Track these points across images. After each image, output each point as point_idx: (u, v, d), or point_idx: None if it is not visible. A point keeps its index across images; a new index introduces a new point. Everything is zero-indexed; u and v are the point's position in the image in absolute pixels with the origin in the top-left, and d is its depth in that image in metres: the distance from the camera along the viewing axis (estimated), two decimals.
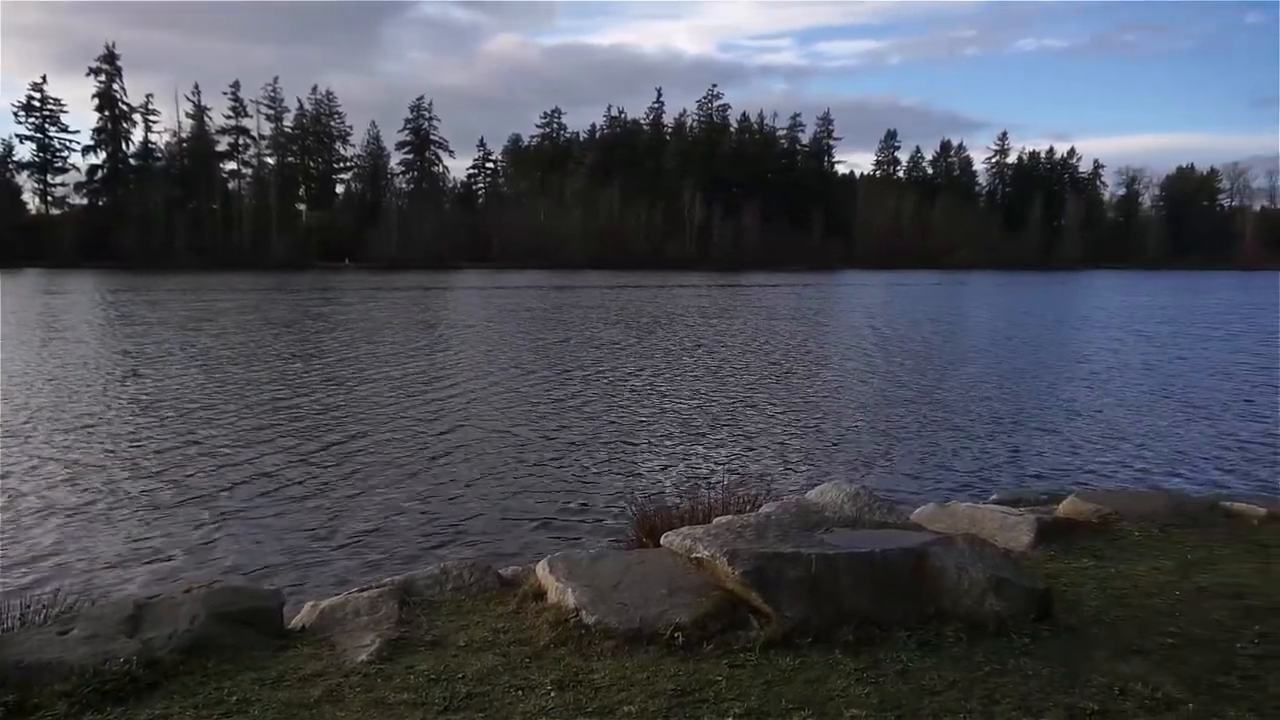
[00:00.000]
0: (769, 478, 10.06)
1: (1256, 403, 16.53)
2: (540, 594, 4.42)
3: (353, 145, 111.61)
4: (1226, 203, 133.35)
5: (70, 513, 8.76)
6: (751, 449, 12.27)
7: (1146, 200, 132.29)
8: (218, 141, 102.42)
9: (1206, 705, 3.19)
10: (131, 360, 20.53)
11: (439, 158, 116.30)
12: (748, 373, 19.88)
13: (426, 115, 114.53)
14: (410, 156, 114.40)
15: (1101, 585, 4.69)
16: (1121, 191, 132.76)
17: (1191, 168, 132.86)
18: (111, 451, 11.47)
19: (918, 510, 6.37)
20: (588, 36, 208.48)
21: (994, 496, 7.80)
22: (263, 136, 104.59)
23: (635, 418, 14.42)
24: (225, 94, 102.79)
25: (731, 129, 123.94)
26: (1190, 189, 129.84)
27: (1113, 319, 37.91)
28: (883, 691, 3.32)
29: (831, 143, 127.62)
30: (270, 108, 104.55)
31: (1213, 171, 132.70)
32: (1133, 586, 4.65)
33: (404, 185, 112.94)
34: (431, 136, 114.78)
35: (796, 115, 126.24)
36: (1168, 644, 3.80)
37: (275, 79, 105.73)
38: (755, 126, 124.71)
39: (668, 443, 12.59)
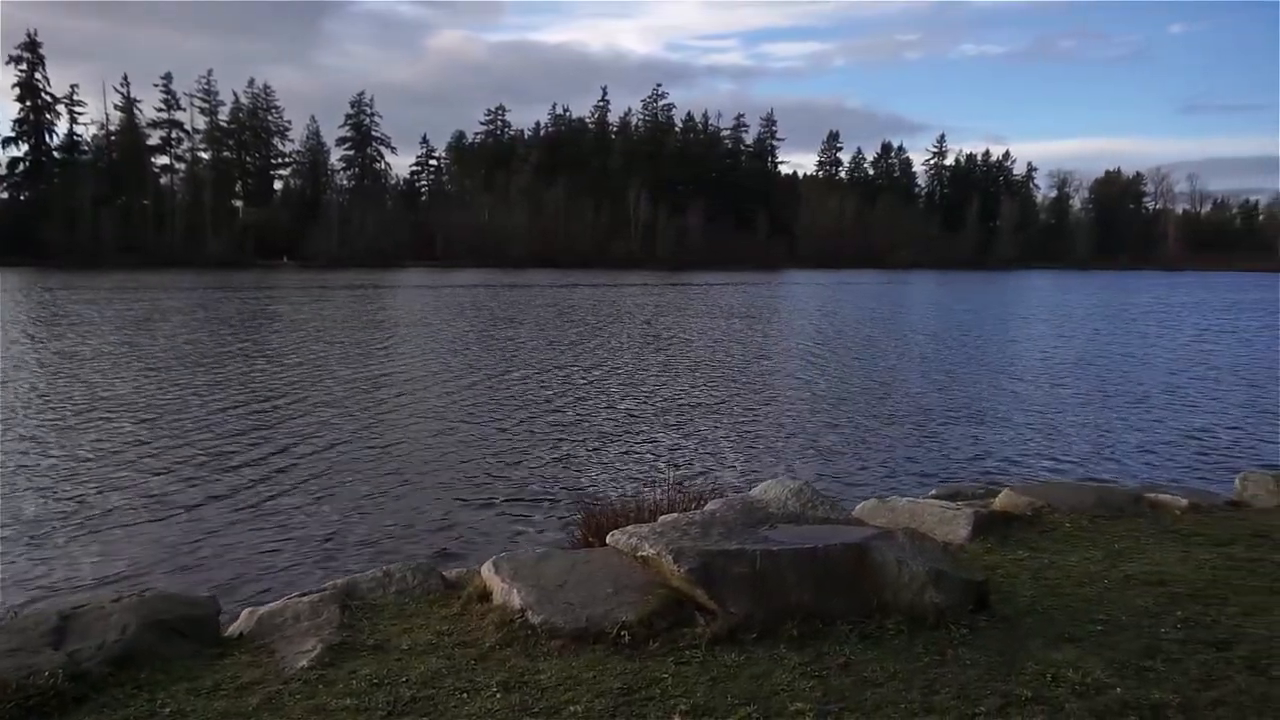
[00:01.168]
0: (714, 475, 10.15)
1: (1178, 397, 17.20)
2: (485, 595, 4.38)
3: (292, 141, 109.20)
4: (1151, 205, 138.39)
5: None
6: (697, 447, 12.34)
7: (1077, 202, 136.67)
8: (149, 135, 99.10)
9: (1133, 689, 3.31)
10: (67, 363, 19.78)
11: (381, 154, 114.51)
12: (693, 371, 19.99)
13: (368, 111, 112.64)
14: (351, 153, 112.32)
15: (1035, 576, 4.83)
16: (1053, 194, 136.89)
17: (1119, 171, 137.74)
18: (42, 457, 11.04)
19: (859, 506, 6.48)
20: (535, 34, 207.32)
21: (933, 491, 7.97)
22: (197, 131, 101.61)
23: (580, 417, 14.39)
24: (156, 86, 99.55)
25: (677, 129, 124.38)
26: (1117, 192, 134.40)
27: (1045, 317, 39.07)
28: (826, 685, 3.37)
29: (775, 143, 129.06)
30: (205, 101, 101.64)
31: (1138, 175, 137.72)
32: (1064, 576, 4.80)
33: (345, 182, 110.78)
34: (373, 133, 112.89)
35: (740, 116, 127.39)
36: (1097, 631, 3.93)
37: (210, 71, 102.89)
38: (700, 126, 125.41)
39: (613, 442, 12.59)
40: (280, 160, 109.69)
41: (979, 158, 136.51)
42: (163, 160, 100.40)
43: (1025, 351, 25.33)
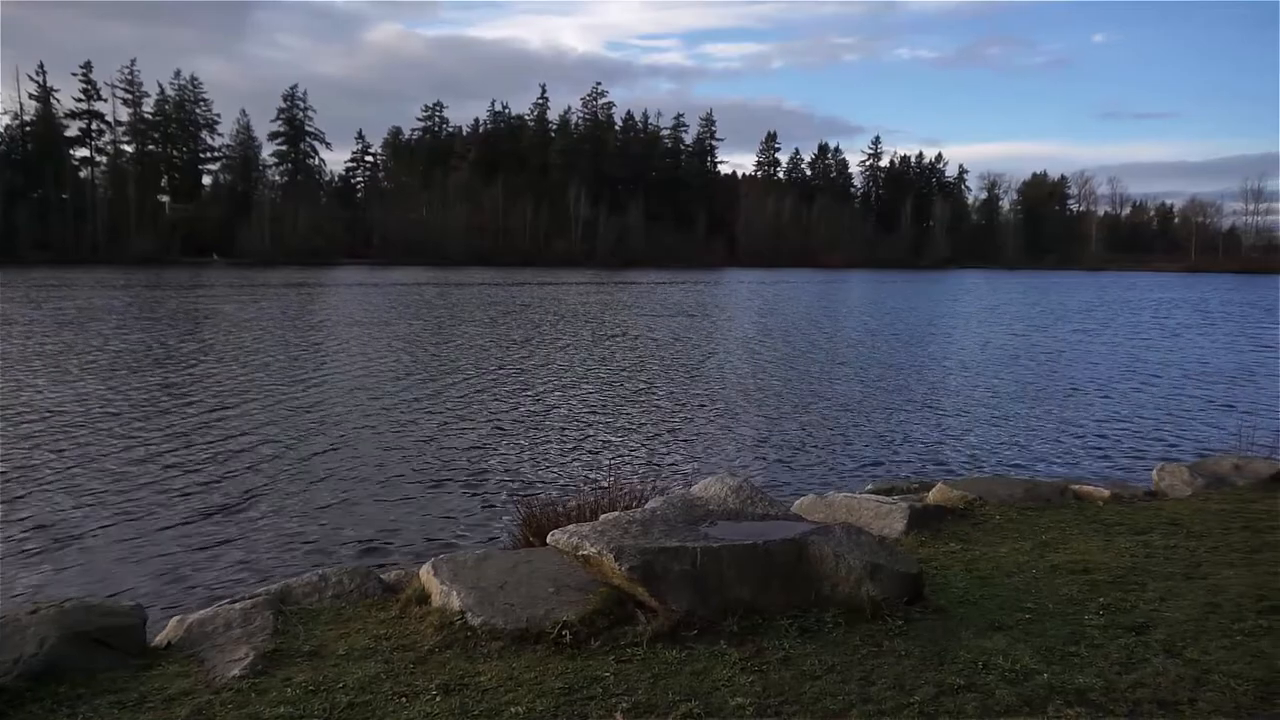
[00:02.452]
0: (655, 473, 10.17)
1: (1101, 392, 17.85)
2: (424, 598, 4.32)
3: (221, 135, 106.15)
4: (1075, 208, 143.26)
5: None
6: (638, 446, 12.37)
7: (1006, 204, 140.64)
8: (67, 126, 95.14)
9: (1059, 674, 3.42)
10: None
11: (315, 150, 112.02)
12: (633, 370, 20.02)
13: (301, 105, 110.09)
14: (284, 148, 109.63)
15: (967, 567, 4.96)
16: (984, 195, 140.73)
17: (1045, 174, 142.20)
18: None
19: (798, 501, 6.57)
20: (473, 29, 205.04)
21: (869, 486, 8.14)
22: (119, 123, 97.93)
23: (521, 417, 14.30)
24: (75, 75, 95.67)
25: (617, 128, 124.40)
26: (1043, 195, 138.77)
27: (977, 316, 40.16)
28: (766, 679, 3.41)
29: (715, 143, 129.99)
30: (127, 91, 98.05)
31: (1063, 178, 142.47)
32: (995, 567, 4.94)
33: (277, 178, 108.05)
34: (307, 127, 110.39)
35: (680, 115, 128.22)
36: (1026, 619, 4.06)
37: (133, 61, 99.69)
38: (640, 126, 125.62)
39: (555, 441, 12.54)
40: (209, 155, 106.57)
41: (913, 160, 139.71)
42: (82, 153, 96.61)
43: (957, 349, 26.00)
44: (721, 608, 3.90)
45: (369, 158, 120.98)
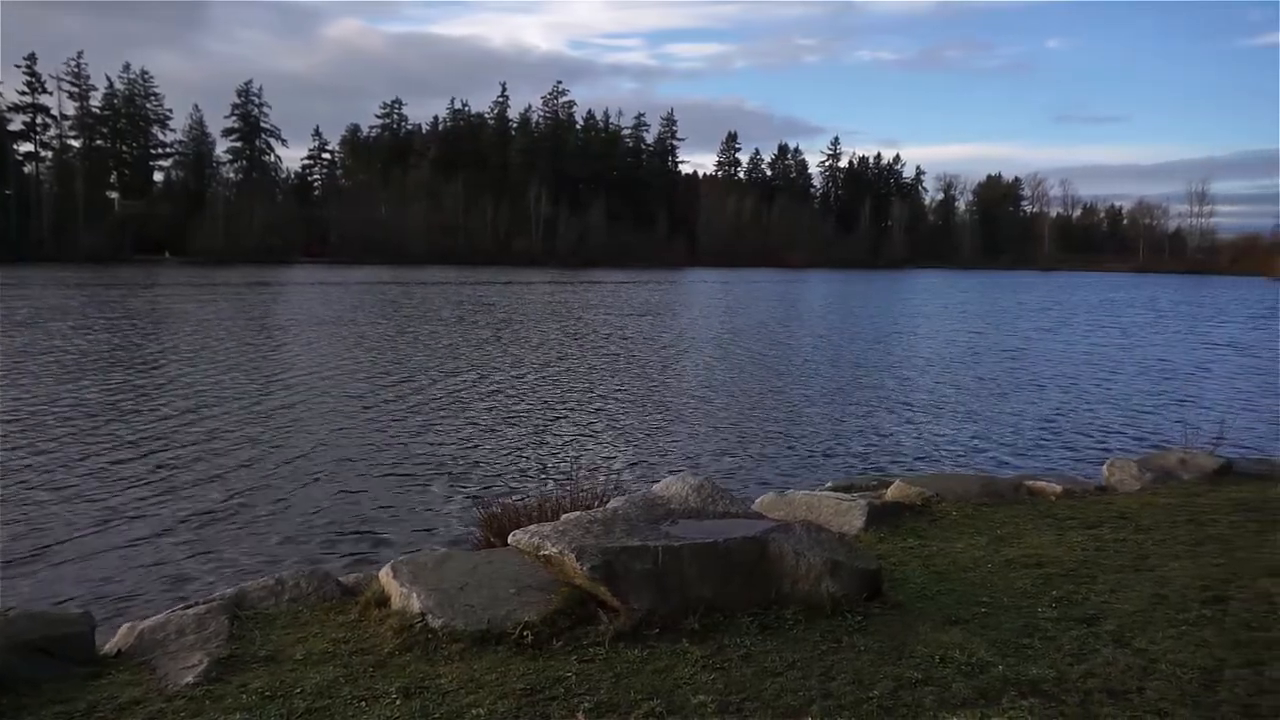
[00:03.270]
0: (617, 473, 10.18)
1: (1054, 389, 18.23)
2: (384, 600, 4.28)
3: (173, 130, 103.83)
4: (1028, 209, 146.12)
5: None
6: (600, 445, 12.36)
7: (962, 205, 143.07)
8: (10, 120, 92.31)
9: (1013, 666, 3.49)
10: None
11: (271, 146, 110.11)
12: (594, 370, 20.01)
13: (257, 101, 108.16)
14: (239, 144, 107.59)
15: (925, 563, 5.04)
16: (940, 196, 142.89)
17: (1000, 176, 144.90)
18: None
19: (759, 499, 6.62)
20: (435, 26, 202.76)
21: (829, 484, 8.22)
22: (65, 117, 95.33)
23: (480, 417, 14.21)
24: (19, 67, 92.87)
25: (578, 126, 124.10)
26: (998, 196, 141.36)
27: (934, 315, 40.78)
28: (728, 676, 3.43)
29: (676, 143, 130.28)
30: (75, 85, 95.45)
31: (1017, 180, 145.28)
32: (951, 562, 5.03)
33: (232, 175, 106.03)
34: (263, 124, 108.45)
35: (641, 115, 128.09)
36: (981, 613, 4.13)
37: (80, 53, 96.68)
38: (601, 125, 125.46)
39: (516, 441, 12.48)
40: (160, 150, 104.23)
41: (871, 160, 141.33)
42: (26, 147, 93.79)
43: (915, 348, 26.38)
44: (683, 606, 3.91)
45: (326, 155, 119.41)
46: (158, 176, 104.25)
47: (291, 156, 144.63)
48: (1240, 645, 3.70)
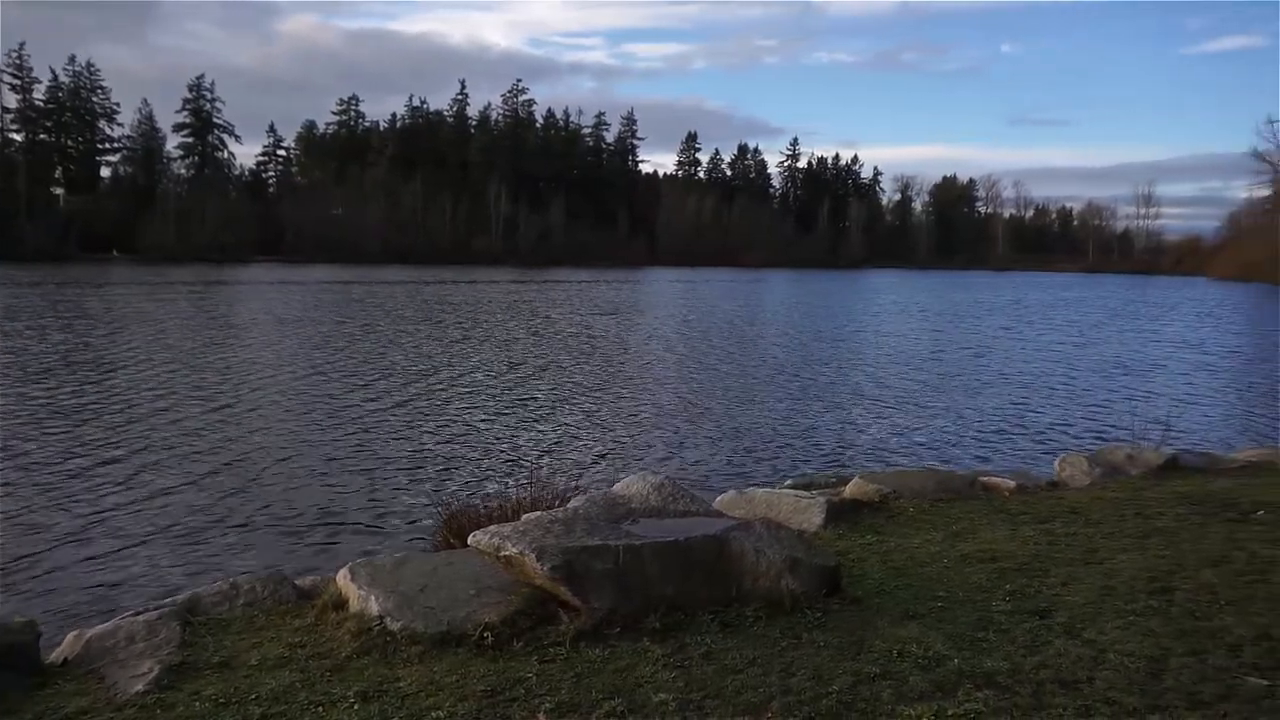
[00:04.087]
0: (577, 472, 10.16)
1: (1008, 387, 18.59)
2: (341, 603, 4.22)
3: (121, 125, 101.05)
4: (983, 209, 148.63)
5: None
6: (560, 445, 12.33)
7: (918, 206, 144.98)
8: None
9: (969, 658, 3.55)
10: None
11: (223, 142, 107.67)
12: (555, 369, 19.95)
13: (209, 96, 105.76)
14: (190, 140, 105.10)
15: (883, 558, 5.11)
16: (897, 197, 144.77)
17: (955, 177, 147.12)
18: None
19: (719, 498, 6.65)
20: (393, 22, 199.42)
21: (789, 481, 8.29)
22: (7, 110, 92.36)
23: (440, 418, 14.09)
24: None
25: (538, 125, 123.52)
26: (953, 197, 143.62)
27: (891, 314, 41.33)
28: (689, 674, 3.44)
29: (636, 142, 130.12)
30: (16, 77, 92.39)
31: (971, 181, 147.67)
32: (909, 558, 5.10)
33: (183, 171, 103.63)
34: (215, 119, 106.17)
35: (601, 114, 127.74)
36: (937, 607, 4.20)
37: (22, 44, 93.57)
38: (561, 123, 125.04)
39: (476, 441, 12.40)
40: (108, 145, 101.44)
41: (830, 161, 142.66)
42: None
43: (874, 347, 26.71)
44: (644, 605, 3.92)
45: (281, 152, 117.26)
46: (105, 172, 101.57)
47: (245, 153, 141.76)
48: (1184, 634, 3.81)
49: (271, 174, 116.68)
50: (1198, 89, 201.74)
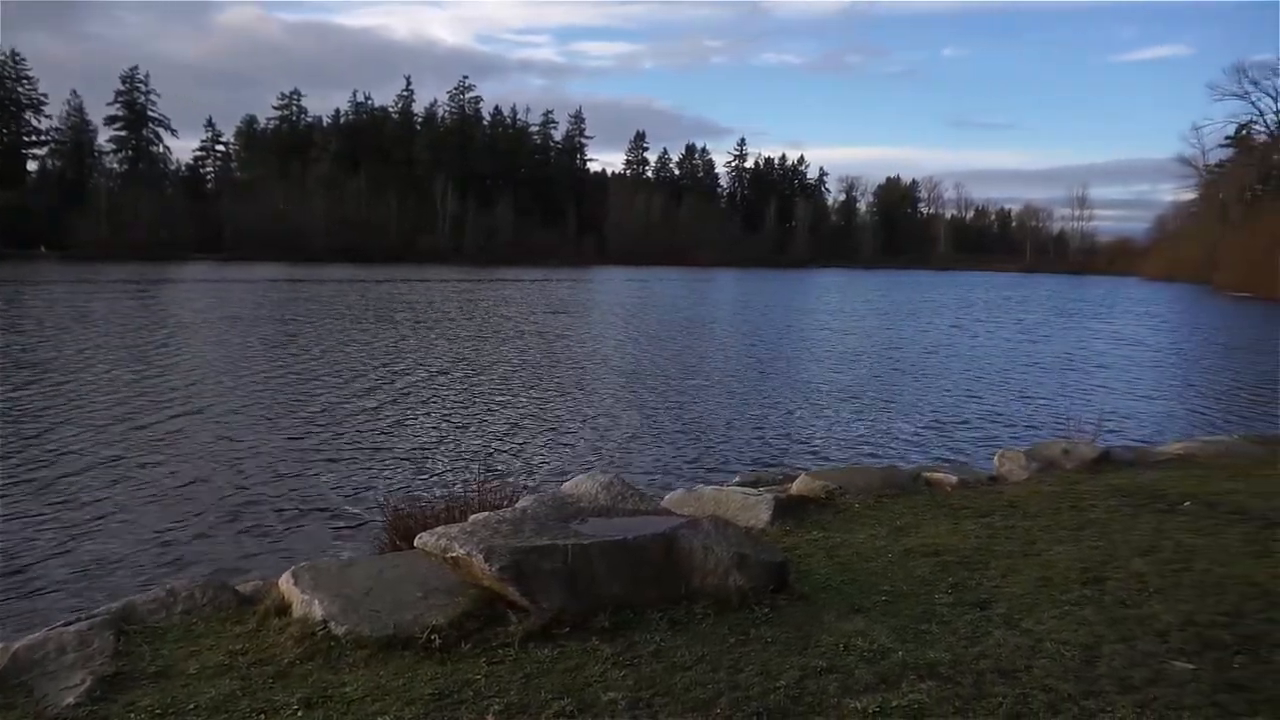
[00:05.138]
0: (526, 472, 10.11)
1: (950, 383, 19.01)
2: (284, 609, 4.13)
3: (49, 117, 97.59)
4: (925, 210, 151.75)
5: None
6: (508, 445, 12.25)
7: (863, 206, 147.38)
8: None
9: (912, 650, 3.63)
10: None
11: (159, 136, 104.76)
12: (503, 369, 19.81)
13: (143, 88, 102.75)
14: (123, 133, 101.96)
15: (829, 554, 5.18)
16: (842, 197, 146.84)
17: (898, 178, 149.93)
18: None
19: (668, 496, 6.67)
20: (337, 16, 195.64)
21: (736, 479, 8.35)
22: None
23: (386, 419, 13.89)
24: None
25: (485, 122, 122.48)
26: (897, 197, 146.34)
27: (837, 312, 41.93)
28: (638, 673, 3.45)
29: (584, 141, 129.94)
30: None
31: (914, 182, 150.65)
32: (854, 553, 5.18)
33: (116, 166, 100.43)
34: (150, 112, 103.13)
35: (549, 112, 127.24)
36: (882, 601, 4.28)
37: None
38: (508, 121, 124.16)
39: (422, 442, 12.25)
40: (34, 138, 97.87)
41: (776, 161, 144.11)
42: None
43: (820, 344, 27.07)
44: (593, 604, 3.92)
45: (220, 147, 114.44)
46: (31, 166, 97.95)
47: (182, 147, 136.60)
48: (1116, 622, 3.94)
49: (210, 169, 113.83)
50: (1129, 95, 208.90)
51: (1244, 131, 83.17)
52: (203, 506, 8.94)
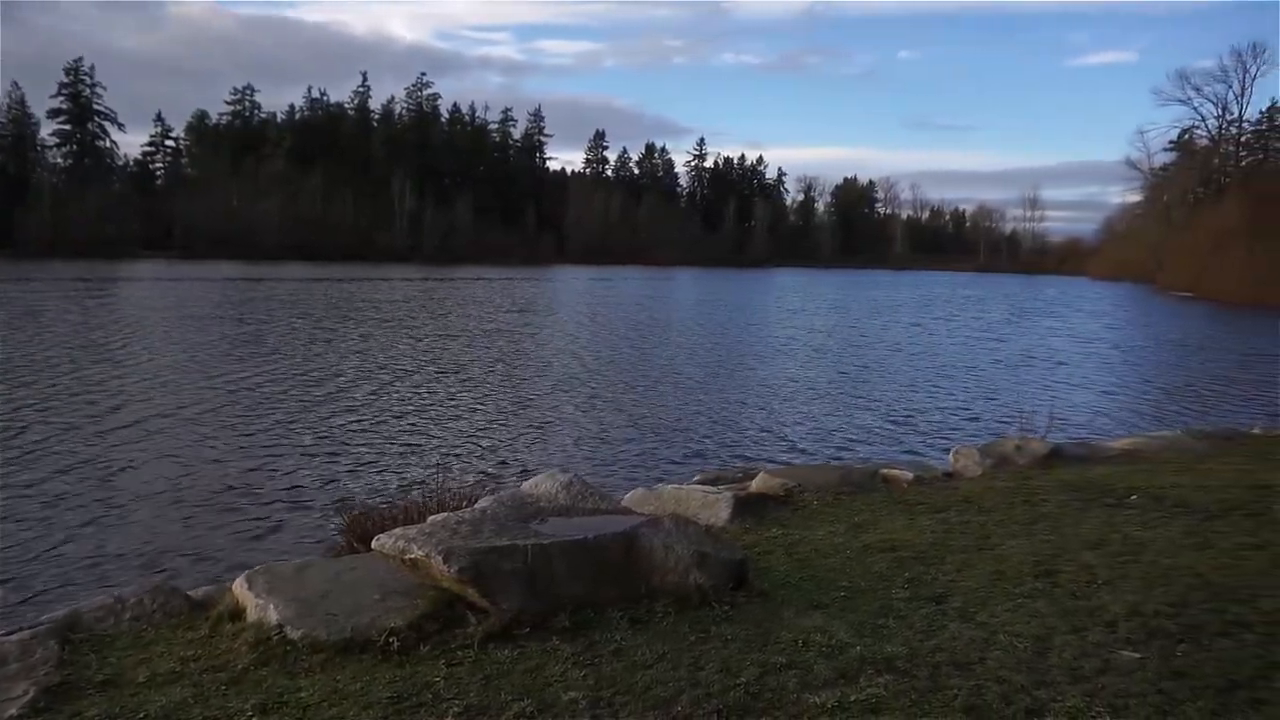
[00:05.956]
0: (485, 473, 10.05)
1: (907, 381, 19.29)
2: (238, 613, 4.05)
3: None
4: (882, 210, 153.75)
5: None
6: (467, 446, 12.16)
7: (821, 206, 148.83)
8: None
9: (870, 645, 3.67)
10: None
11: (105, 131, 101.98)
12: (462, 369, 19.66)
13: (88, 81, 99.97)
14: (68, 127, 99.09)
15: (788, 551, 5.22)
16: (801, 197, 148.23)
17: (855, 179, 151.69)
18: None
19: (628, 495, 6.68)
20: (292, 10, 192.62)
21: (696, 477, 8.39)
22: None
23: (343, 420, 13.70)
24: None
25: (443, 119, 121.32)
26: (854, 198, 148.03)
27: (796, 311, 42.30)
28: (598, 672, 3.45)
29: (543, 139, 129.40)
30: None
31: (871, 183, 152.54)
32: (813, 550, 5.23)
33: (60, 160, 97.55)
34: (96, 106, 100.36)
35: (508, 110, 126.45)
36: (841, 597, 4.32)
37: None
38: (467, 118, 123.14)
39: (380, 444, 12.11)
40: None
41: (735, 161, 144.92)
42: None
43: (780, 343, 27.29)
44: (554, 604, 3.90)
45: (170, 142, 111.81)
46: None
47: (130, 142, 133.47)
48: (1067, 614, 4.03)
49: (159, 165, 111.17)
50: (1080, 99, 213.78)
51: (1186, 136, 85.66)
52: (154, 511, 8.73)
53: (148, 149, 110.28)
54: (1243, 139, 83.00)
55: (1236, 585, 4.36)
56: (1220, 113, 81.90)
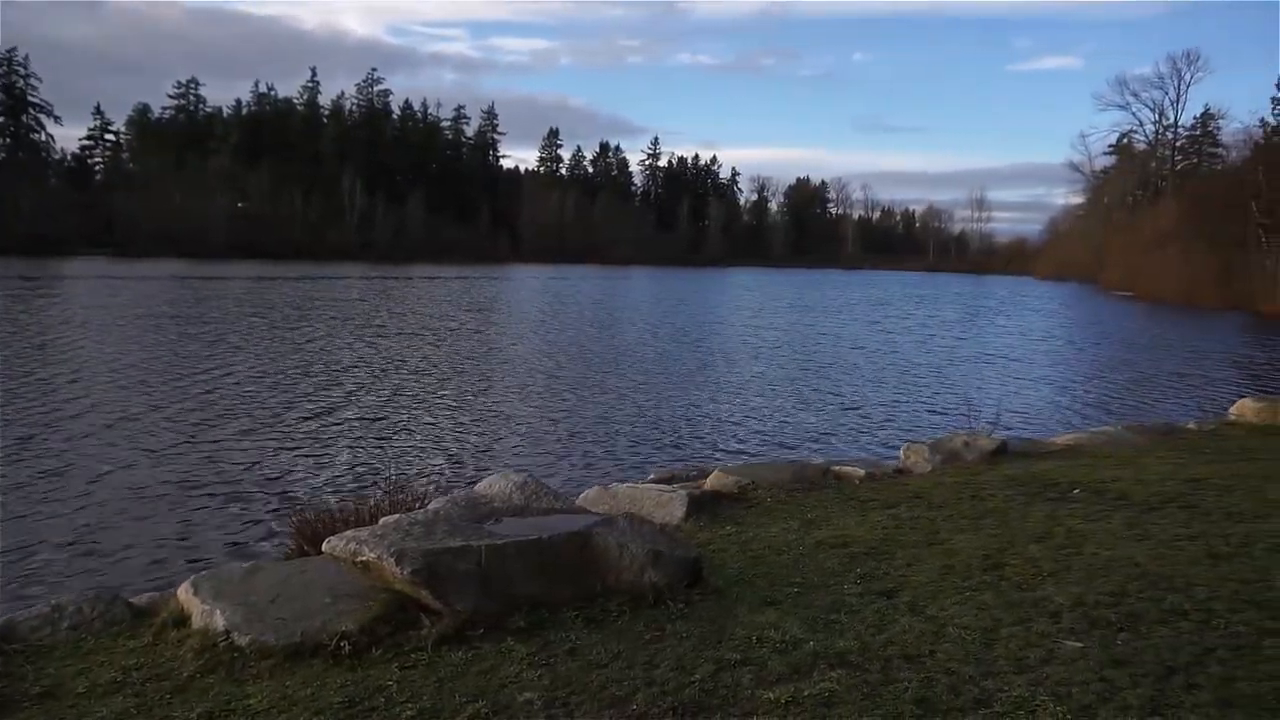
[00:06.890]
0: (437, 473, 9.95)
1: (859, 379, 19.56)
2: (183, 620, 3.96)
3: None
4: (834, 210, 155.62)
5: None
6: (420, 446, 12.03)
7: (774, 206, 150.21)
8: None
9: (823, 640, 3.72)
10: None
11: (41, 124, 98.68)
12: (414, 368, 19.44)
13: (22, 72, 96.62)
14: (1, 120, 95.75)
15: (742, 548, 5.26)
16: (754, 197, 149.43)
17: (808, 179, 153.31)
18: None
19: (583, 494, 6.67)
20: (241, 3, 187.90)
21: (651, 476, 8.40)
22: None
23: (291, 421, 13.46)
24: None
25: (395, 116, 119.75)
26: (806, 198, 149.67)
27: (750, 310, 42.61)
28: (554, 672, 3.44)
29: (497, 136, 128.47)
30: None
31: (823, 183, 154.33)
32: (767, 547, 5.28)
33: None
34: (30, 98, 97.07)
35: (460, 107, 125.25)
36: (794, 593, 4.37)
37: None
38: (419, 115, 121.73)
39: (330, 445, 11.92)
40: None
41: (690, 161, 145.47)
42: None
43: (733, 342, 27.46)
44: (508, 605, 3.88)
45: (110, 136, 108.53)
46: None
47: (67, 136, 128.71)
48: (1013, 606, 4.12)
49: (99, 160, 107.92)
50: (1026, 103, 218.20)
51: (1125, 140, 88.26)
52: (95, 516, 8.48)
53: (86, 143, 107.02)
54: (1178, 144, 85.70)
55: (1172, 575, 4.50)
56: (1157, 118, 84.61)
